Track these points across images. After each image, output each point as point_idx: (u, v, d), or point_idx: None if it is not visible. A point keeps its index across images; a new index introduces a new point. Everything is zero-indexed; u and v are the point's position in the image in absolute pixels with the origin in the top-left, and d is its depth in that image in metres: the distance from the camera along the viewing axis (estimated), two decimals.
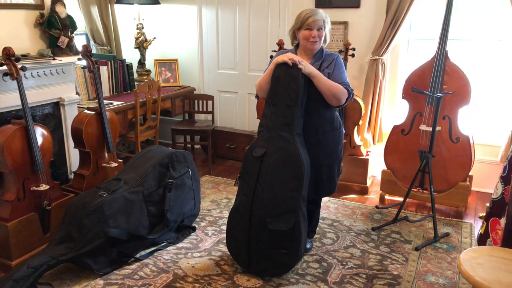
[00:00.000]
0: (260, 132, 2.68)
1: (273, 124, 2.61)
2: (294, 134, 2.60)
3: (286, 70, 2.57)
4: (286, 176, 2.58)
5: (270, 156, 2.57)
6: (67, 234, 2.64)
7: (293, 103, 2.59)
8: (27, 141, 2.81)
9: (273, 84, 2.61)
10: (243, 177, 2.67)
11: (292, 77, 2.56)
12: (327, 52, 2.74)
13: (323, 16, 2.62)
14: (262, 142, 2.62)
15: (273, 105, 2.63)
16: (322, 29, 2.61)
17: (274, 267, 2.67)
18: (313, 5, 4.23)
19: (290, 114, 2.60)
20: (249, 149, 2.67)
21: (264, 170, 2.57)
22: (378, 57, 3.94)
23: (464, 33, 3.84)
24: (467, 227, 3.34)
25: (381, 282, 2.65)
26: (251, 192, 2.60)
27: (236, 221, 2.68)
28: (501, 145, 3.71)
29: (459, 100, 3.40)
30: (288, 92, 2.57)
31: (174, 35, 5.05)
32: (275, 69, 2.60)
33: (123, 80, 4.55)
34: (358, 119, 3.91)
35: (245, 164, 2.67)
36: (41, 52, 3.27)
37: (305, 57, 2.72)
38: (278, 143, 2.58)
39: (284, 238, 2.57)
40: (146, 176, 2.96)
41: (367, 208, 3.67)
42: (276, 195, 2.57)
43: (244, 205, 2.63)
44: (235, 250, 2.74)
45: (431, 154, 3.19)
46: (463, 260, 2.07)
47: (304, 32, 2.61)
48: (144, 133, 4.24)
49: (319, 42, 2.64)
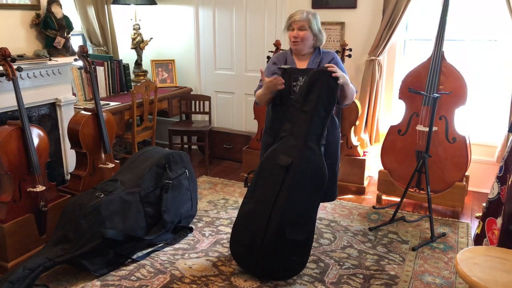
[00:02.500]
0: (283, 138, 2.58)
1: (301, 132, 2.53)
2: (321, 145, 2.57)
3: (323, 78, 2.50)
4: (309, 187, 2.54)
5: (296, 167, 2.50)
6: (64, 235, 2.63)
7: (326, 114, 2.55)
8: (23, 142, 2.80)
9: (306, 90, 2.53)
10: (259, 182, 2.58)
11: (330, 87, 2.51)
12: (324, 50, 2.76)
13: (306, 16, 2.61)
14: (288, 150, 2.54)
15: (303, 112, 2.54)
16: (306, 30, 2.61)
17: (280, 272, 2.64)
18: (309, 5, 4.23)
19: (321, 125, 2.56)
20: (270, 153, 2.57)
21: (289, 180, 2.50)
22: (374, 58, 3.95)
23: (460, 34, 3.85)
24: (464, 227, 3.35)
25: (378, 282, 2.66)
26: (271, 200, 2.52)
27: (246, 227, 2.60)
28: (497, 145, 3.72)
29: (455, 101, 3.41)
30: (323, 102, 2.52)
31: (171, 35, 5.04)
32: (312, 74, 2.53)
33: (119, 81, 4.54)
34: (355, 120, 3.92)
35: (264, 169, 2.57)
36: (37, 53, 3.26)
37: (300, 57, 2.73)
38: (305, 153, 2.52)
39: (297, 247, 2.56)
40: (143, 177, 2.95)
41: (364, 208, 3.68)
42: (297, 206, 2.53)
43: (260, 212, 2.54)
44: (241, 255, 2.67)
45: (427, 154, 3.20)
46: (460, 260, 2.08)
47: (288, 32, 2.66)
48: (141, 133, 4.24)
49: (301, 43, 2.64)
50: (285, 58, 2.78)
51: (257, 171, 2.62)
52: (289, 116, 2.60)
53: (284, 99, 2.68)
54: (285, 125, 2.61)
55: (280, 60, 2.77)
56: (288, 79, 2.64)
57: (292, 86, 2.65)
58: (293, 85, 2.65)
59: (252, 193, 2.62)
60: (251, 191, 2.63)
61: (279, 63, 2.76)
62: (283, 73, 2.66)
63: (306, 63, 2.73)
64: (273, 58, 2.84)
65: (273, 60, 2.83)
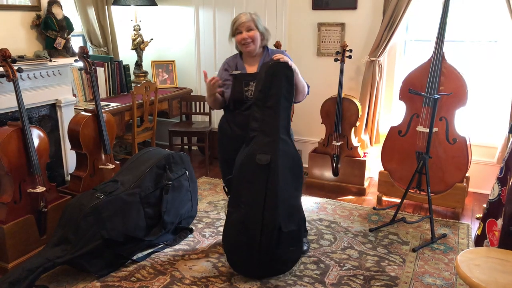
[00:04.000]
0: (254, 137, 2.58)
1: (271, 127, 2.55)
2: (290, 135, 2.64)
3: (280, 71, 2.53)
4: (291, 178, 2.59)
5: (276, 162, 2.51)
6: (64, 236, 2.63)
7: (289, 105, 2.60)
8: (23, 143, 2.80)
9: (265, 86, 2.54)
10: (243, 186, 2.57)
11: (288, 78, 2.55)
12: (272, 49, 2.78)
13: (250, 17, 2.63)
14: (263, 148, 2.54)
15: (268, 108, 2.56)
16: (254, 29, 2.63)
17: (281, 266, 2.68)
18: (309, 7, 4.23)
19: (287, 116, 2.60)
20: (245, 157, 2.56)
21: (273, 177, 2.51)
22: (375, 59, 3.94)
23: (461, 35, 3.85)
24: (464, 228, 3.34)
25: (379, 283, 2.65)
26: (260, 201, 2.52)
27: (240, 234, 2.57)
28: (497, 146, 3.72)
29: (455, 102, 3.41)
30: (284, 94, 2.56)
31: (171, 36, 5.05)
32: (268, 69, 2.54)
33: (120, 82, 4.54)
34: (355, 121, 3.92)
35: (244, 173, 2.56)
36: (37, 54, 3.26)
37: (250, 60, 2.74)
38: (281, 147, 2.54)
39: (293, 237, 2.61)
40: (143, 177, 2.95)
41: (364, 209, 3.67)
42: (286, 199, 2.56)
43: (252, 215, 2.54)
44: (241, 262, 2.65)
45: (428, 155, 3.19)
46: (460, 261, 2.08)
47: (237, 37, 2.66)
48: (141, 134, 4.24)
49: (253, 43, 2.65)
50: (235, 63, 2.77)
51: (238, 177, 2.59)
52: (255, 116, 2.59)
53: (237, 104, 2.70)
54: (251, 124, 2.60)
55: (231, 66, 2.77)
56: (239, 85, 2.66)
57: (244, 91, 2.66)
58: (244, 90, 2.66)
59: (238, 200, 2.59)
60: (236, 199, 2.61)
61: (230, 69, 2.76)
62: (234, 79, 2.68)
63: (256, 66, 2.73)
64: (225, 64, 2.82)
65: (225, 66, 2.81)
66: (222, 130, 2.82)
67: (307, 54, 4.36)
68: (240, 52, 2.79)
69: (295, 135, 4.44)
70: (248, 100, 2.66)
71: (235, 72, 2.69)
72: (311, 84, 2.87)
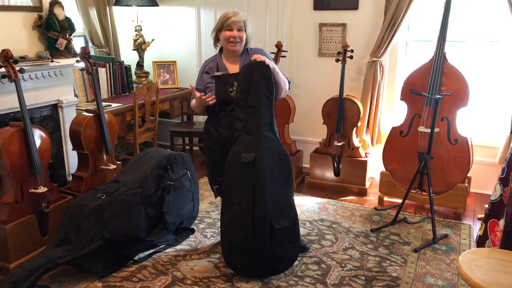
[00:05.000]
0: (239, 137, 2.61)
1: (253, 126, 2.59)
2: (274, 132, 2.66)
3: (257, 70, 2.57)
4: (279, 174, 2.61)
5: (261, 159, 2.55)
6: (65, 236, 2.64)
7: (270, 103, 2.63)
8: (25, 143, 2.80)
9: (244, 86, 2.58)
10: (232, 187, 2.60)
11: (265, 76, 2.59)
12: (251, 48, 2.79)
13: (243, 18, 2.66)
14: (247, 147, 2.58)
15: (249, 107, 2.59)
16: (243, 30, 2.66)
17: (280, 264, 2.68)
18: (311, 7, 4.23)
19: (268, 114, 2.63)
20: (232, 157, 2.60)
21: (258, 174, 2.54)
22: (376, 59, 3.94)
23: (462, 35, 3.85)
24: (466, 229, 3.34)
25: (380, 284, 2.65)
26: (249, 199, 2.54)
27: (233, 234, 2.60)
28: (499, 146, 3.71)
29: (457, 102, 3.40)
30: (263, 92, 2.59)
31: (173, 37, 5.05)
32: (245, 70, 2.58)
33: (121, 82, 4.55)
34: (356, 121, 3.92)
35: (231, 174, 2.60)
36: (39, 54, 3.26)
37: (231, 59, 2.74)
38: (264, 144, 2.58)
39: (288, 234, 2.61)
40: (145, 178, 2.95)
41: (366, 209, 3.67)
42: (275, 195, 2.58)
43: (242, 214, 2.56)
44: (239, 262, 2.66)
45: (429, 156, 3.19)
46: (462, 262, 2.07)
47: (225, 33, 2.65)
48: (143, 135, 4.24)
49: (239, 44, 2.66)
50: (216, 64, 2.76)
51: (226, 179, 2.63)
52: (238, 116, 2.62)
53: (223, 105, 2.69)
54: (236, 125, 2.63)
55: (212, 68, 2.76)
56: (223, 86, 2.67)
57: (229, 92, 2.67)
58: (229, 91, 2.67)
59: (229, 201, 2.62)
60: (227, 200, 2.63)
61: (211, 71, 2.74)
62: (217, 81, 2.68)
63: (238, 66, 2.73)
64: (205, 67, 2.80)
65: (205, 69, 2.79)
66: (208, 133, 2.82)
67: (309, 55, 4.36)
68: (220, 51, 2.78)
69: (296, 136, 4.49)
70: (234, 101, 2.66)
71: (217, 74, 2.69)
72: (313, 84, 2.87)
